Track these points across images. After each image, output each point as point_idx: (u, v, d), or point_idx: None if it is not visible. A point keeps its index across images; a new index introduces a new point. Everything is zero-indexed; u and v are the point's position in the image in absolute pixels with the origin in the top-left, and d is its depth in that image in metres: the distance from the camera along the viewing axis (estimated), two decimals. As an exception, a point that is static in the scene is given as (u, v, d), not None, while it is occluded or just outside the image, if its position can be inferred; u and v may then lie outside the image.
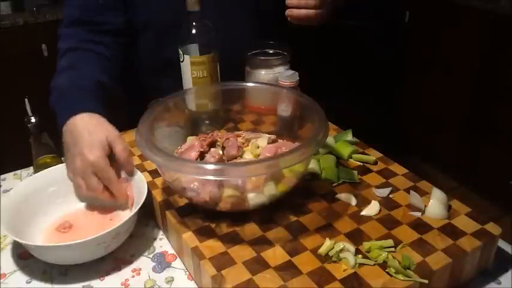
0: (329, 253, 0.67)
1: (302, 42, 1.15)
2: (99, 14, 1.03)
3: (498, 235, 0.71)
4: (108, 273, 0.75)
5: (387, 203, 0.78)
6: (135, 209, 0.76)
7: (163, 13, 1.07)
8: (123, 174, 0.83)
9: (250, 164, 0.71)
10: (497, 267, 0.74)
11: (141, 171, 0.85)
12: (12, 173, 1.03)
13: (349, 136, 0.96)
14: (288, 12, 0.99)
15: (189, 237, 0.72)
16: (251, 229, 0.74)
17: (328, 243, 0.68)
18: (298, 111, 0.89)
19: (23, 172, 1.04)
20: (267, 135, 0.92)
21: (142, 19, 1.08)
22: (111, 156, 0.81)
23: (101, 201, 0.82)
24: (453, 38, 2.35)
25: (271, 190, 0.73)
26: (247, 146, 0.88)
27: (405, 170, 0.87)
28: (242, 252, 0.69)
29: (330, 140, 0.93)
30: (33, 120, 0.89)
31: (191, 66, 0.96)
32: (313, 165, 0.85)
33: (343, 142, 0.93)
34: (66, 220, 0.84)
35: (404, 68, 2.64)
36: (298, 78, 0.99)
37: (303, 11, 0.98)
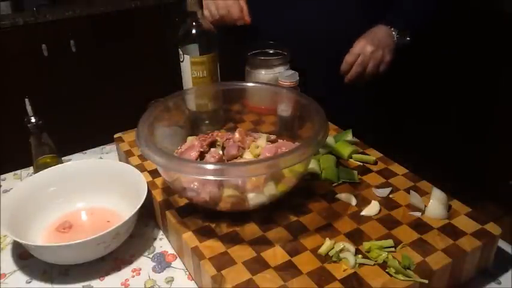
0: (329, 253, 0.67)
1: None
2: None
3: (498, 235, 0.71)
4: (108, 273, 0.75)
5: (387, 203, 0.78)
6: (136, 208, 0.76)
7: None
8: None
9: (250, 164, 0.71)
10: (497, 267, 0.74)
11: (141, 171, 0.85)
12: (12, 173, 1.04)
13: (349, 136, 0.96)
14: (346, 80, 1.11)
15: (189, 237, 0.72)
16: (251, 229, 0.74)
17: (328, 243, 0.68)
18: (298, 111, 0.89)
19: (23, 172, 1.04)
20: (265, 134, 0.92)
21: None
22: None
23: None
24: (453, 37, 2.34)
25: (271, 190, 0.73)
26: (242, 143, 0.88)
27: (405, 170, 0.87)
28: (242, 252, 0.69)
29: (330, 140, 0.93)
30: (33, 120, 0.89)
31: (191, 66, 0.96)
32: (313, 165, 0.85)
33: (343, 142, 0.93)
34: (66, 220, 0.84)
35: (403, 67, 2.63)
36: (298, 78, 0.99)
37: (353, 72, 1.10)
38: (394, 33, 1.12)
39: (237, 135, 0.88)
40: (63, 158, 0.99)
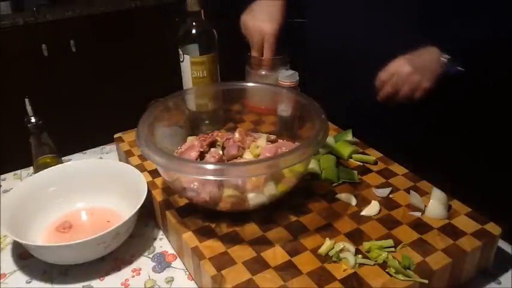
0: (329, 253, 0.67)
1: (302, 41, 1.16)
2: None
3: (498, 235, 0.71)
4: (108, 273, 0.75)
5: (387, 203, 0.78)
6: (136, 208, 0.76)
7: None
8: None
9: (250, 164, 0.71)
10: (497, 267, 0.74)
11: (141, 171, 0.85)
12: (12, 173, 1.04)
13: (349, 136, 0.96)
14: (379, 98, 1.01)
15: (189, 237, 0.72)
16: (251, 229, 0.74)
17: (328, 243, 0.68)
18: (298, 111, 0.89)
19: (23, 172, 1.04)
20: (265, 134, 0.92)
21: None
22: None
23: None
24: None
25: (271, 190, 0.73)
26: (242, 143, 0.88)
27: (405, 170, 0.87)
28: (242, 252, 0.69)
29: (330, 140, 0.93)
30: (33, 120, 0.89)
31: (191, 66, 0.96)
32: (313, 165, 0.85)
33: (343, 142, 0.93)
34: (66, 220, 0.84)
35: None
36: (298, 78, 0.99)
37: (385, 91, 0.99)
38: (443, 59, 0.95)
39: (237, 135, 0.88)
40: (63, 158, 0.99)
